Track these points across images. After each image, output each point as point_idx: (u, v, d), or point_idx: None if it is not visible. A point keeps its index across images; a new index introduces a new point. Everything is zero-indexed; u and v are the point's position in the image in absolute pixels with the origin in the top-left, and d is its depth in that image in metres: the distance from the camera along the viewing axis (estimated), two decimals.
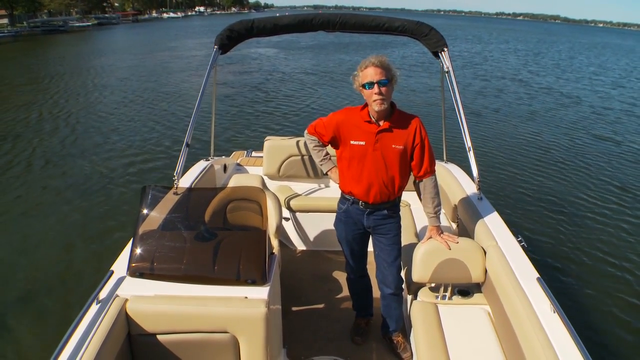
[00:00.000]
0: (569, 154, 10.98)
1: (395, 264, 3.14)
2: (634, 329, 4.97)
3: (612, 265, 6.16)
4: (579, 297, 5.41)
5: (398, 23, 4.02)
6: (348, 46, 37.97)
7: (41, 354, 4.35)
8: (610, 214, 7.73)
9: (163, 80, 20.57)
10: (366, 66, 2.73)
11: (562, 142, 12.04)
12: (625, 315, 5.17)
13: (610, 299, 5.45)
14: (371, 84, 2.69)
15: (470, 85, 20.29)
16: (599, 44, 64.90)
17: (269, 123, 13.05)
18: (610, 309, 5.27)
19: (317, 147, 3.17)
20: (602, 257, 6.33)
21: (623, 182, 9.24)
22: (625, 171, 9.92)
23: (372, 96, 2.71)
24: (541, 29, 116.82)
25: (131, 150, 10.60)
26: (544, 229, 7.08)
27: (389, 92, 2.73)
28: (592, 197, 8.41)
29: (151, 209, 2.75)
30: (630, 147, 11.85)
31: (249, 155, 5.67)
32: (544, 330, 2.30)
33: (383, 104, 2.72)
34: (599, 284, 5.73)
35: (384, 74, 2.70)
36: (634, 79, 26.33)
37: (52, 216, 7.28)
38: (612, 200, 8.29)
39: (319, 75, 22.55)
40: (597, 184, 9.05)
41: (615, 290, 5.61)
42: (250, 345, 2.42)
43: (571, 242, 6.70)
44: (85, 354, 2.09)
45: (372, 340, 3.51)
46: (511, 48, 45.25)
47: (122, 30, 65.73)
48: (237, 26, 4.12)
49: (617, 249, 6.55)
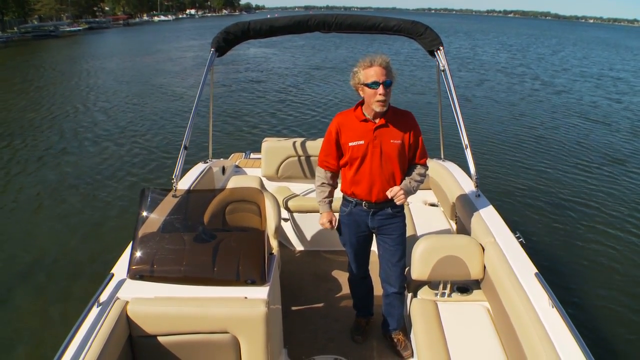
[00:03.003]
0: (566, 150, 11.04)
1: (399, 264, 3.13)
2: (631, 323, 5.00)
3: (610, 260, 6.19)
4: (577, 292, 5.44)
5: (393, 23, 4.03)
6: (339, 47, 37.99)
7: (42, 357, 4.33)
8: (607, 209, 7.78)
9: (158, 83, 20.50)
10: (370, 65, 2.71)
11: (560, 138, 12.10)
12: (623, 310, 5.20)
13: (608, 293, 5.48)
14: (376, 84, 2.67)
15: (466, 83, 20.34)
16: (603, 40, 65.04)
17: (266, 124, 13.06)
18: (608, 303, 5.30)
19: (325, 185, 3.09)
20: (600, 252, 6.37)
21: (621, 177, 9.30)
22: (623, 167, 9.98)
23: (376, 96, 2.69)
24: (532, 26, 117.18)
25: (129, 153, 10.57)
26: (542, 224, 7.12)
27: (390, 93, 2.74)
28: (591, 194, 8.45)
29: (150, 211, 2.76)
30: (629, 144, 11.92)
31: (247, 157, 5.67)
32: (542, 325, 2.32)
33: (385, 105, 2.74)
34: (597, 278, 5.77)
35: (388, 74, 2.70)
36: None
37: (50, 220, 7.26)
38: (610, 196, 8.34)
39: (314, 74, 22.61)
40: (596, 181, 9.10)
41: (613, 285, 5.65)
42: (250, 345, 2.43)
43: (569, 238, 6.73)
44: (86, 356, 2.09)
45: (372, 339, 3.51)
46: (504, 45, 45.37)
47: (113, 34, 65.48)
48: (234, 28, 4.13)
49: (615, 244, 6.59)
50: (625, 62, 34.05)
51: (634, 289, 5.58)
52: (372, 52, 2.87)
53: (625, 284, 5.68)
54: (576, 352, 2.14)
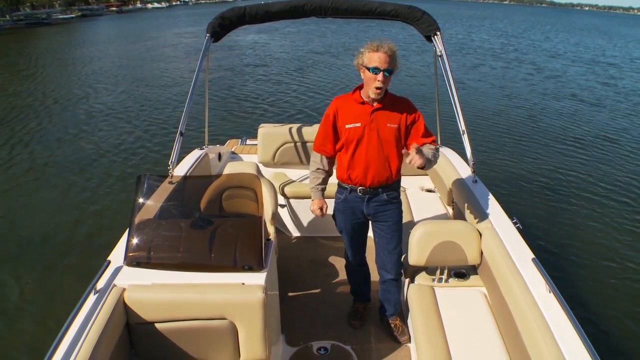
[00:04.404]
0: (563, 135, 11.06)
1: (395, 251, 3.13)
2: (628, 307, 5.04)
3: (607, 245, 6.23)
4: (574, 277, 5.47)
5: (390, 7, 3.99)
6: (335, 32, 37.75)
7: (39, 345, 4.32)
8: (604, 193, 7.81)
9: (154, 70, 20.33)
10: (376, 49, 2.68)
11: (557, 123, 12.12)
12: (620, 294, 5.24)
13: (605, 278, 5.52)
14: (377, 69, 2.66)
15: (462, 68, 20.26)
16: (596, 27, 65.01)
17: (262, 110, 12.99)
18: (605, 288, 5.34)
19: (319, 170, 3.08)
20: (597, 237, 6.41)
21: (618, 162, 9.33)
22: (620, 151, 10.02)
23: (375, 82, 2.68)
24: (528, 12, 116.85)
25: (125, 140, 10.51)
26: (539, 210, 7.14)
27: (388, 82, 2.73)
28: (586, 177, 8.49)
29: (147, 198, 2.75)
30: (625, 129, 11.92)
31: (244, 143, 5.65)
32: (539, 310, 2.33)
33: (381, 93, 2.73)
34: (594, 263, 5.80)
35: (391, 63, 2.68)
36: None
37: (45, 208, 7.23)
38: (607, 180, 8.37)
39: (310, 59, 22.48)
40: (591, 164, 9.14)
41: (610, 270, 5.68)
42: (248, 331, 2.43)
43: (566, 223, 6.76)
44: (84, 344, 2.09)
45: (370, 324, 3.52)
46: (500, 31, 45.17)
47: (106, 21, 64.73)
48: (229, 14, 4.09)
49: (612, 229, 6.63)
50: (617, 49, 34.05)
51: (630, 273, 5.62)
52: (371, 38, 2.84)
53: (622, 268, 5.71)
54: (573, 337, 2.15)
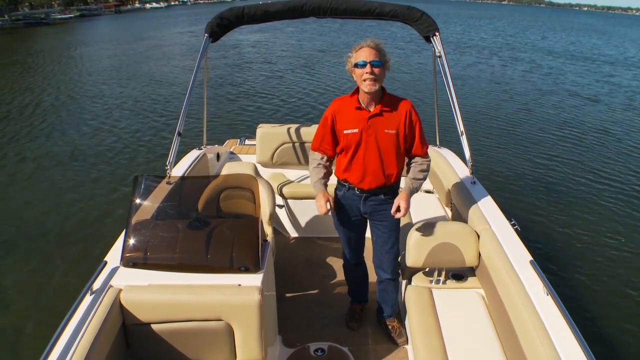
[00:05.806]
0: (561, 136, 11.04)
1: (392, 250, 3.12)
2: (626, 310, 5.03)
3: (605, 247, 6.21)
4: (572, 280, 5.46)
5: (389, 8, 4.00)
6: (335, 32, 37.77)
7: (35, 345, 4.31)
8: (603, 196, 7.79)
9: (152, 70, 20.27)
10: (360, 47, 2.71)
11: (555, 124, 12.09)
12: (618, 297, 5.23)
13: (603, 281, 5.50)
14: (363, 62, 2.66)
15: (461, 68, 20.23)
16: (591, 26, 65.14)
17: (261, 110, 12.95)
18: (603, 291, 5.32)
19: (320, 166, 3.04)
20: (595, 240, 6.39)
21: (616, 164, 9.31)
22: (618, 154, 10.00)
23: (363, 75, 2.67)
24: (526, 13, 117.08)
25: (123, 140, 10.47)
26: (538, 212, 7.12)
27: (381, 74, 2.71)
28: (585, 179, 8.47)
29: (144, 198, 2.74)
30: (624, 132, 11.91)
31: (242, 143, 5.64)
32: (537, 312, 2.32)
33: (374, 84, 2.69)
34: (592, 266, 5.78)
35: (377, 55, 2.68)
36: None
37: (41, 208, 7.20)
38: (605, 182, 8.35)
39: (309, 59, 22.44)
40: (591, 166, 9.13)
41: (608, 273, 5.67)
42: (244, 332, 2.42)
43: (564, 225, 6.74)
44: (80, 345, 2.08)
45: (367, 326, 3.52)
46: (498, 31, 45.20)
47: (105, 21, 64.57)
48: (228, 14, 4.09)
49: (610, 231, 6.60)
50: (614, 48, 34.18)
51: (629, 276, 5.60)
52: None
53: (620, 271, 5.70)
54: (570, 340, 2.14)
